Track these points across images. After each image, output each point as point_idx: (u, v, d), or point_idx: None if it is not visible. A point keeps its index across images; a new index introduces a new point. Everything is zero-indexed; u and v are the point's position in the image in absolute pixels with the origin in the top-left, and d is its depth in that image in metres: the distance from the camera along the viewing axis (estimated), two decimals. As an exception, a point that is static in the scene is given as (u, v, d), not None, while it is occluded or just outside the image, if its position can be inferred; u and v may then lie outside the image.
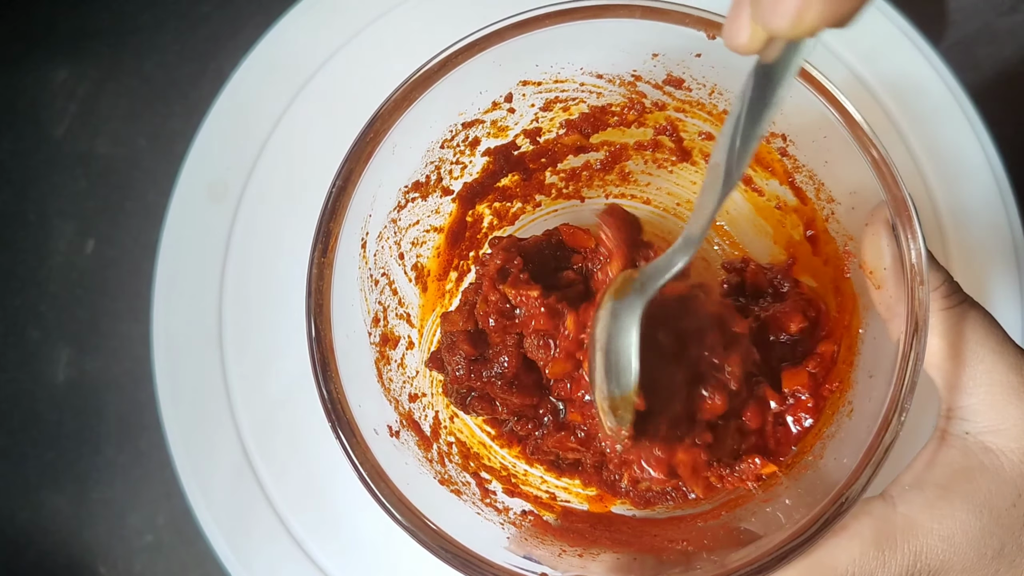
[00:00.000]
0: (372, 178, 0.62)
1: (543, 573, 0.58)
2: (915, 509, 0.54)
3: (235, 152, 0.89)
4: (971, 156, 0.85)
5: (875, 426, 0.56)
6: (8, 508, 0.93)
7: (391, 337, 0.71)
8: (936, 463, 0.56)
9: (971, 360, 0.56)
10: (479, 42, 0.61)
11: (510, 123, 0.72)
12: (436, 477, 0.66)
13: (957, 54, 0.88)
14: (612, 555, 0.62)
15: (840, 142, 0.59)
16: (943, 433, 0.57)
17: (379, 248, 0.68)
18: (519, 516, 0.68)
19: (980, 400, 0.55)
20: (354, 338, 0.64)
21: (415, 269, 0.74)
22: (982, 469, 0.54)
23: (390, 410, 0.66)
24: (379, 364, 0.68)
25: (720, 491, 0.67)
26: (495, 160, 0.74)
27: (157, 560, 0.92)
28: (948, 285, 0.57)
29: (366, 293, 0.67)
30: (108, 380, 0.94)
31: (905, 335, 0.55)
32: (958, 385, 0.56)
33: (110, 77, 0.99)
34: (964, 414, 0.56)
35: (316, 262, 0.60)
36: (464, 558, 0.57)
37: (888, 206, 0.57)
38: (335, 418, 0.58)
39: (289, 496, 0.84)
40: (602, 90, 0.71)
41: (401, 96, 0.61)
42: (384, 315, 0.70)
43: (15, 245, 0.97)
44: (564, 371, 0.63)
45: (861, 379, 0.63)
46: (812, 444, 0.64)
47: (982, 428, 0.55)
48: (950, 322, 0.56)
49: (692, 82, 0.68)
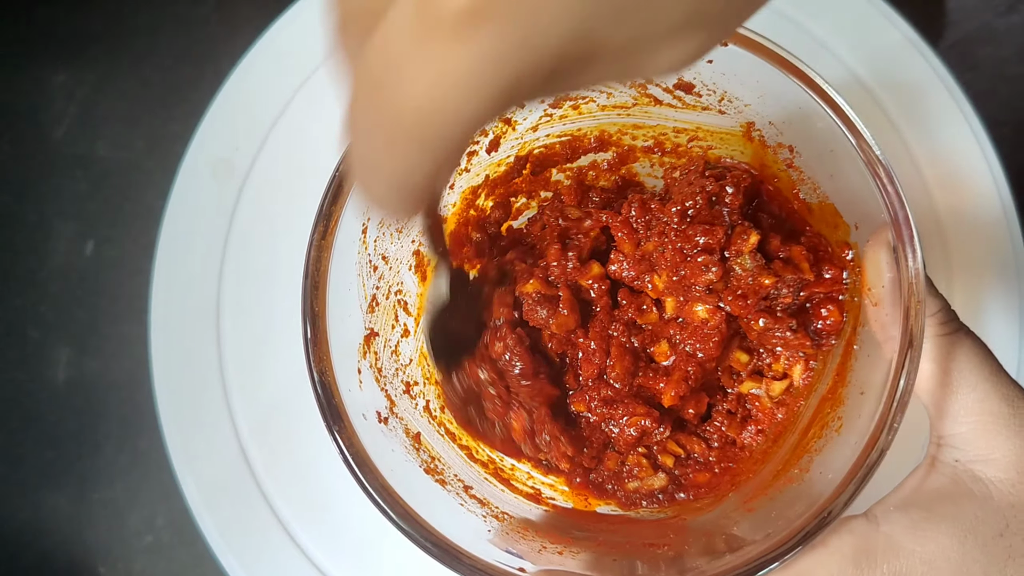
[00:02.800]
0: (377, 164, 0.62)
1: (521, 568, 0.58)
2: (898, 530, 0.54)
3: (234, 151, 0.89)
4: (969, 156, 0.85)
5: (862, 443, 0.56)
6: (8, 508, 0.93)
7: (386, 324, 0.71)
8: (924, 488, 0.56)
9: (963, 388, 0.55)
10: (491, 34, 0.60)
11: (519, 118, 0.72)
12: (422, 466, 0.66)
13: (956, 54, 0.88)
14: (590, 554, 0.62)
15: (846, 156, 0.59)
16: (932, 459, 0.57)
17: (380, 234, 0.68)
18: (502, 511, 0.68)
19: (971, 429, 0.55)
20: (349, 323, 0.65)
21: (415, 256, 0.74)
22: (970, 496, 0.54)
23: (380, 397, 0.67)
24: (372, 350, 0.68)
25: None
26: (515, 161, 0.75)
27: (157, 560, 0.92)
28: (945, 312, 0.57)
29: (364, 278, 0.67)
30: (108, 380, 0.94)
31: (898, 354, 0.55)
32: (949, 412, 0.56)
33: (109, 80, 0.99)
34: (954, 441, 0.56)
35: (315, 244, 0.60)
36: (445, 548, 0.57)
37: (889, 224, 0.57)
38: (324, 401, 0.59)
39: (287, 496, 0.84)
40: (612, 90, 0.71)
41: (411, 84, 0.61)
42: (381, 301, 0.70)
43: (15, 246, 0.97)
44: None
45: (852, 395, 0.63)
46: (799, 457, 0.64)
47: (972, 457, 0.55)
48: (944, 349, 0.56)
49: (702, 88, 0.68)
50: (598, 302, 0.71)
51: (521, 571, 0.58)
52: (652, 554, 0.64)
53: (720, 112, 0.70)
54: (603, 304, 0.70)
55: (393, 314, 0.72)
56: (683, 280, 0.65)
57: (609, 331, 0.70)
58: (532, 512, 0.70)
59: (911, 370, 0.54)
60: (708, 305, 0.65)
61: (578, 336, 0.70)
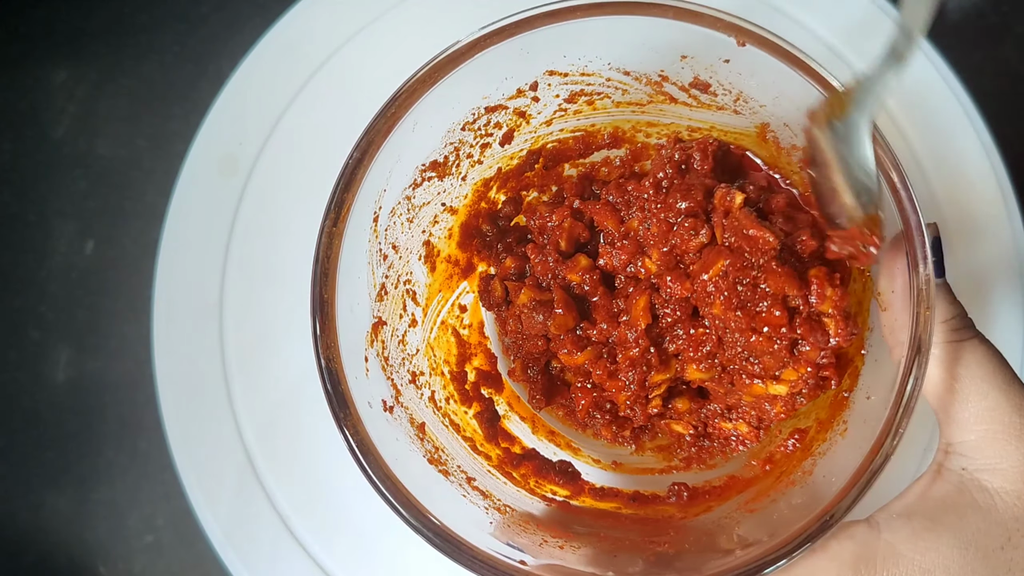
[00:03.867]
0: (390, 153, 0.62)
1: (522, 560, 0.58)
2: (899, 538, 0.53)
3: (234, 150, 0.89)
4: (972, 156, 0.85)
5: (867, 447, 0.56)
6: (8, 508, 0.93)
7: (394, 313, 0.71)
8: (928, 496, 0.55)
9: (974, 396, 0.55)
10: (509, 27, 0.61)
11: (533, 111, 0.72)
12: (425, 456, 0.67)
13: (957, 54, 0.87)
14: (592, 549, 0.62)
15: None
16: (939, 467, 0.56)
17: (391, 223, 0.68)
18: (503, 503, 0.68)
19: (980, 437, 0.55)
20: (357, 311, 0.65)
21: (425, 246, 0.74)
22: (975, 507, 0.53)
23: (386, 386, 0.67)
24: (380, 339, 0.68)
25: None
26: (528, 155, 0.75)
27: (157, 560, 0.92)
28: (959, 319, 0.57)
29: (374, 267, 0.67)
30: (108, 380, 0.94)
31: (906, 359, 0.55)
32: (959, 420, 0.55)
33: (109, 78, 0.99)
34: (963, 449, 0.55)
35: (327, 231, 0.60)
36: (446, 539, 0.58)
37: (901, 230, 0.57)
38: (330, 388, 0.59)
39: (291, 495, 0.84)
40: (628, 87, 0.71)
41: (426, 75, 0.61)
42: (390, 290, 0.70)
43: (15, 245, 0.97)
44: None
45: (859, 399, 0.63)
46: (803, 460, 0.64)
47: (980, 466, 0.54)
48: (956, 355, 0.56)
49: (718, 87, 0.68)
50: (593, 294, 0.70)
51: (522, 564, 0.58)
52: (653, 551, 0.64)
53: (735, 112, 0.69)
54: (600, 293, 0.70)
55: (401, 303, 0.72)
56: (674, 250, 0.65)
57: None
58: (534, 506, 0.71)
59: (918, 376, 0.54)
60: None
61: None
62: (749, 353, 0.63)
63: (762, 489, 0.66)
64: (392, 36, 0.90)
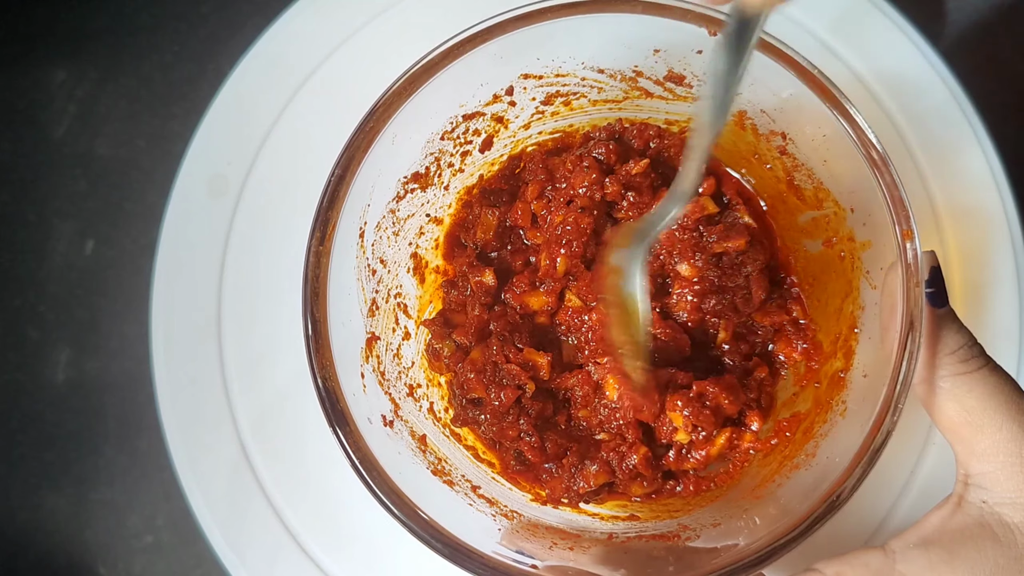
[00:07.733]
0: (371, 167, 0.62)
1: (533, 565, 0.58)
2: (914, 569, 0.53)
3: (235, 150, 0.89)
4: (970, 154, 0.85)
5: (868, 425, 0.56)
6: (8, 508, 0.92)
7: (387, 327, 0.71)
8: (947, 528, 0.54)
9: (989, 428, 0.54)
10: (481, 34, 0.61)
11: (511, 116, 0.72)
12: (429, 468, 0.66)
13: (957, 54, 0.88)
14: (601, 548, 0.62)
15: (839, 141, 0.59)
16: (960, 499, 0.56)
17: (377, 238, 0.68)
18: (511, 509, 0.68)
19: (998, 468, 0.54)
20: (350, 327, 0.64)
21: (413, 259, 0.74)
22: (994, 541, 0.53)
23: (384, 400, 0.67)
24: (375, 354, 0.68)
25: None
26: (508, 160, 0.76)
27: (157, 560, 0.91)
28: (968, 349, 0.56)
29: (363, 283, 0.67)
30: (108, 380, 0.94)
31: (900, 334, 0.55)
32: (976, 452, 0.55)
33: (109, 78, 0.99)
34: (982, 481, 0.55)
35: (314, 250, 0.60)
36: (456, 548, 0.57)
37: (885, 205, 0.57)
38: (329, 407, 0.59)
39: (288, 495, 0.83)
40: (603, 85, 0.71)
41: (402, 87, 0.61)
42: (381, 305, 0.70)
43: (15, 245, 0.96)
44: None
45: (856, 379, 0.63)
46: (805, 443, 0.65)
47: (1000, 499, 0.54)
48: (969, 386, 0.55)
49: (693, 79, 0.68)
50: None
51: (533, 568, 0.58)
52: (663, 546, 0.64)
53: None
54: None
55: (393, 317, 0.72)
56: (560, 194, 0.70)
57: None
58: (541, 510, 0.70)
59: (913, 348, 0.55)
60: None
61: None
62: None
63: (767, 475, 0.66)
64: (375, 47, 0.90)
